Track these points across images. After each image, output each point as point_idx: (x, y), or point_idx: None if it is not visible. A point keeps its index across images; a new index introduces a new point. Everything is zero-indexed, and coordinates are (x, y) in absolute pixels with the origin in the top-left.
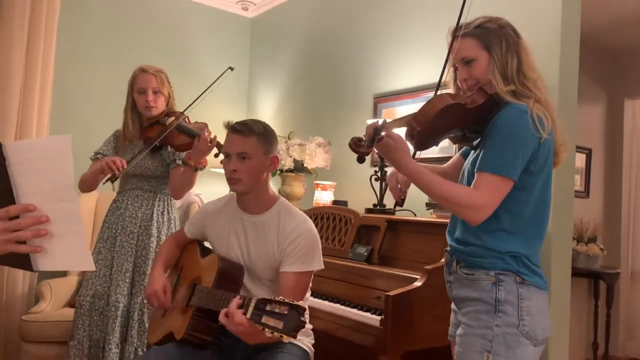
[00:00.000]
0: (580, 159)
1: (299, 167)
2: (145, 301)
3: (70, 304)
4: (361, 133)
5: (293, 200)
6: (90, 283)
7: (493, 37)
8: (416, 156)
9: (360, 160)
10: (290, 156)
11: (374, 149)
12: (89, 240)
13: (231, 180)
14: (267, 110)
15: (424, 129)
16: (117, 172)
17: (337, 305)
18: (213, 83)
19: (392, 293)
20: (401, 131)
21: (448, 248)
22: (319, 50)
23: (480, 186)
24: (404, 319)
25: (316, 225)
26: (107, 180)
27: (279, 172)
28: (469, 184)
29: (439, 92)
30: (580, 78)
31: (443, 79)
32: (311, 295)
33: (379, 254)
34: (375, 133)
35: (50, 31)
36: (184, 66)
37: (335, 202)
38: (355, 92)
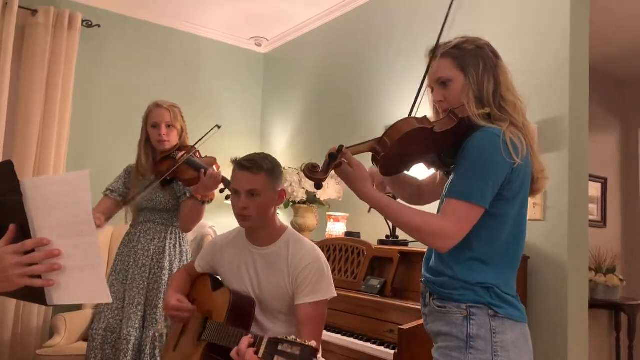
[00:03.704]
0: (595, 188)
1: (311, 199)
2: (157, 334)
3: (85, 337)
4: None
5: (305, 232)
6: (103, 316)
7: (470, 57)
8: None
9: (318, 186)
10: (303, 188)
11: (337, 174)
12: (105, 272)
13: (241, 217)
14: (280, 142)
15: (388, 154)
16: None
17: (350, 339)
18: (201, 139)
19: (405, 326)
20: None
21: (423, 278)
22: (331, 83)
23: (446, 213)
24: (418, 353)
25: (328, 257)
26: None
27: (291, 204)
28: None
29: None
30: (593, 107)
31: (419, 100)
32: (324, 328)
33: (392, 286)
34: (330, 159)
35: (69, 69)
36: (199, 101)
37: (347, 233)
38: (366, 124)
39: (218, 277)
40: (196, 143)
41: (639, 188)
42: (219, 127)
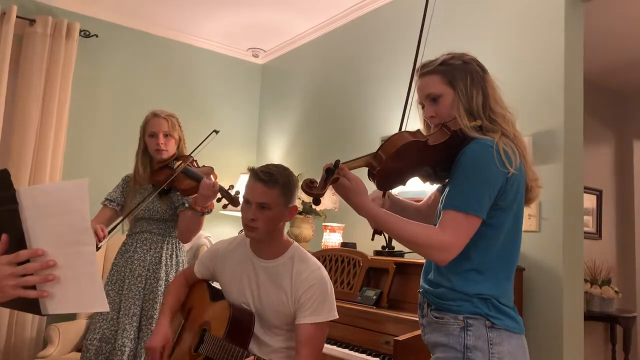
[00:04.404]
0: (590, 200)
1: (307, 209)
2: None
3: (78, 348)
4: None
5: (302, 243)
6: (97, 326)
7: (457, 72)
8: (386, 194)
9: (316, 202)
10: (299, 198)
11: (333, 189)
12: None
13: (248, 227)
14: (277, 152)
15: (384, 168)
16: (99, 243)
17: (346, 351)
18: (200, 145)
19: (401, 338)
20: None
21: (421, 289)
22: (327, 94)
23: (445, 224)
24: None
25: (324, 268)
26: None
27: None
28: None
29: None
30: (588, 120)
31: (406, 115)
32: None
33: (388, 297)
34: (327, 174)
35: (66, 78)
36: (197, 111)
37: (343, 244)
38: (362, 135)
39: (216, 284)
40: (194, 150)
41: (634, 200)
42: (217, 132)
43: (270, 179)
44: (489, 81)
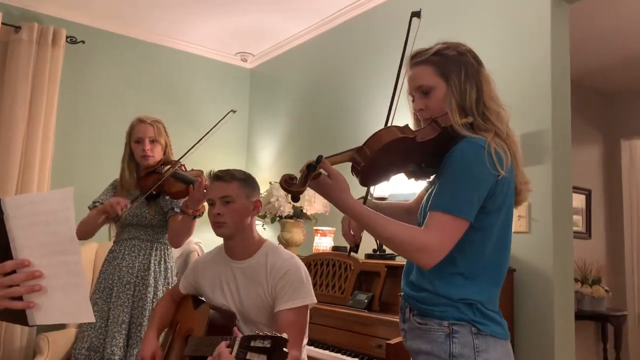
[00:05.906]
0: (580, 200)
1: (298, 214)
2: None
3: (68, 357)
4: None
5: (292, 247)
6: (85, 335)
7: (451, 64)
8: (371, 192)
9: (295, 199)
10: (290, 202)
11: (310, 187)
12: (89, 291)
13: (216, 224)
14: (267, 157)
15: (369, 164)
16: (120, 213)
17: (338, 355)
18: (215, 125)
19: (393, 341)
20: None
21: (402, 292)
22: (317, 98)
23: (430, 226)
24: None
25: (316, 272)
26: (108, 221)
27: (278, 218)
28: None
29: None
30: (576, 120)
31: (394, 108)
32: (312, 344)
33: (380, 301)
34: (308, 170)
35: (53, 85)
36: (186, 117)
37: (335, 248)
38: (352, 138)
39: (201, 297)
40: (210, 130)
41: (623, 199)
42: (234, 112)
43: (227, 174)
44: (484, 75)
